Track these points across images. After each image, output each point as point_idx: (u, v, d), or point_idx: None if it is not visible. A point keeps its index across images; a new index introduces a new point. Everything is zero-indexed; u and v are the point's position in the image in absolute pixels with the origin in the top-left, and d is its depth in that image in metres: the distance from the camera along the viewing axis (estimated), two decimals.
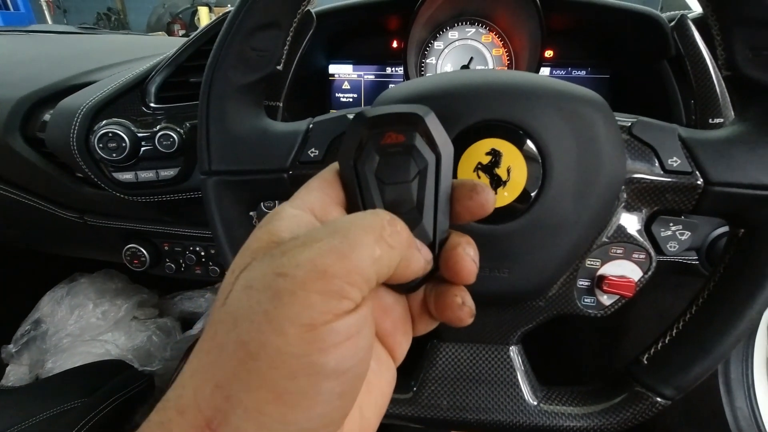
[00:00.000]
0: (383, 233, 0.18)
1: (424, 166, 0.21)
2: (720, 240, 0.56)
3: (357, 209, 0.21)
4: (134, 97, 0.57)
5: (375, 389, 0.23)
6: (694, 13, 0.53)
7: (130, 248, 0.71)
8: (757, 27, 0.29)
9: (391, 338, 0.23)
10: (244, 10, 0.33)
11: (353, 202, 0.22)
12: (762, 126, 0.31)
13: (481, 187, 0.21)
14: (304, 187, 0.22)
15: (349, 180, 0.21)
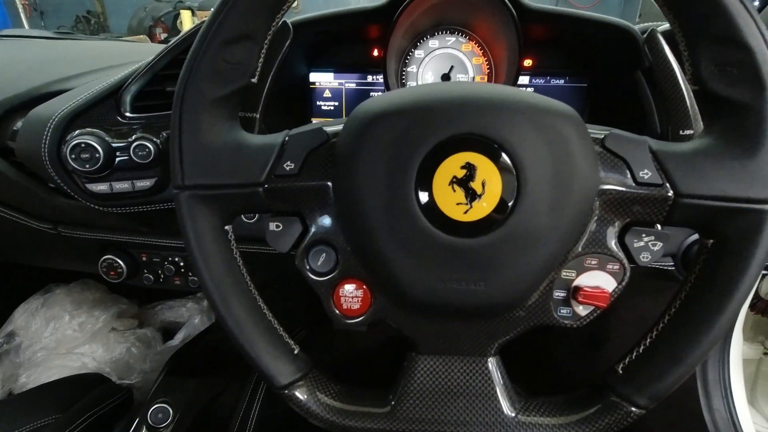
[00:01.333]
0: None
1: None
2: (694, 246, 0.57)
3: None
4: (109, 107, 0.56)
5: None
6: (665, 26, 0.54)
7: (107, 259, 0.70)
8: (722, 43, 0.30)
9: None
10: (217, 23, 0.32)
11: None
12: (728, 139, 0.32)
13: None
14: None
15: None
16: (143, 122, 0.56)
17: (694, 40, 0.31)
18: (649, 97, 0.55)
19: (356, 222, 0.34)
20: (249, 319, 0.36)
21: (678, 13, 0.31)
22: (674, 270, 0.60)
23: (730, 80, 0.31)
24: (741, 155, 0.31)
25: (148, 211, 0.59)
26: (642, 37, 0.55)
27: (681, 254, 0.58)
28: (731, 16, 0.29)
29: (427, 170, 0.31)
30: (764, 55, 0.29)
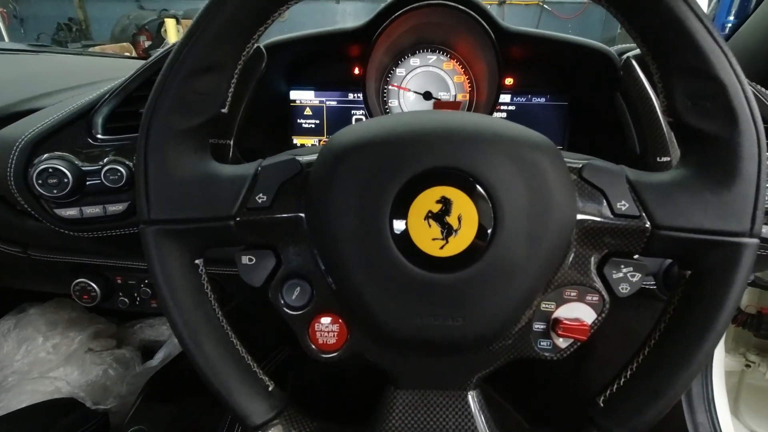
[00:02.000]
0: None
1: None
2: (674, 266, 0.57)
3: None
4: (80, 128, 0.54)
5: None
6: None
7: (80, 283, 0.67)
8: (695, 77, 0.30)
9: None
10: (184, 53, 0.31)
11: None
12: (703, 172, 0.32)
13: None
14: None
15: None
16: (116, 144, 0.54)
17: (668, 73, 0.31)
18: (628, 119, 0.56)
19: (330, 256, 0.33)
20: (220, 357, 0.35)
21: (651, 47, 0.31)
22: (656, 289, 0.61)
23: (704, 113, 0.31)
24: (716, 188, 0.31)
25: (121, 234, 0.57)
26: (620, 60, 0.55)
27: (662, 274, 0.59)
28: (703, 50, 0.29)
29: (402, 204, 0.31)
30: (736, 89, 0.29)
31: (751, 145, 0.30)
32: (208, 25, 0.31)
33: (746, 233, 0.31)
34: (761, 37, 0.62)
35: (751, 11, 0.71)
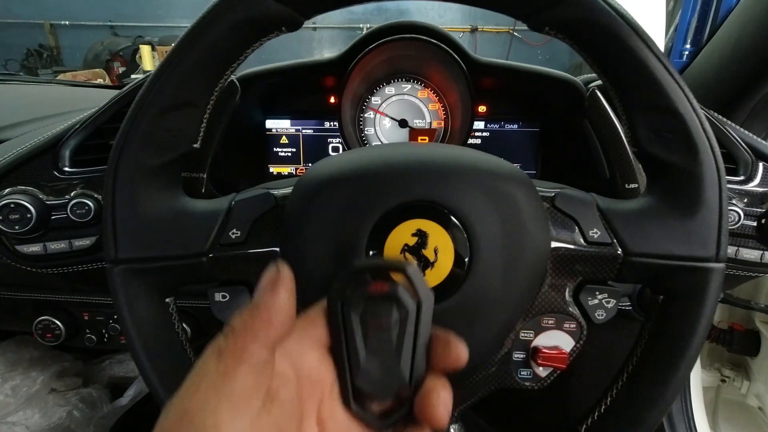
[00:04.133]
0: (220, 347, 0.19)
1: (405, 315, 0.23)
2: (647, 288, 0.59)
3: (340, 350, 0.23)
4: (45, 161, 0.52)
5: None
6: None
7: (42, 321, 0.64)
8: (655, 111, 0.31)
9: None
10: (155, 90, 0.31)
11: (337, 343, 0.23)
12: (669, 200, 0.33)
13: (455, 342, 0.23)
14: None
15: (335, 322, 0.23)
16: (84, 177, 0.52)
17: (630, 107, 0.32)
18: (597, 146, 0.58)
19: (306, 292, 0.32)
20: None
21: (614, 83, 0.32)
22: (631, 310, 0.62)
23: (666, 145, 0.32)
24: (681, 216, 0.32)
25: (88, 270, 0.55)
26: (585, 89, 0.58)
27: (636, 295, 0.60)
28: (662, 86, 0.30)
29: (378, 238, 0.30)
30: (694, 122, 0.31)
31: (712, 174, 0.31)
32: (180, 62, 0.31)
33: (712, 258, 0.32)
34: (715, 68, 0.66)
35: (704, 40, 0.76)
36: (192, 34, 0.31)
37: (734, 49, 0.63)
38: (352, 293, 0.23)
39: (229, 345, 0.18)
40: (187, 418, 0.17)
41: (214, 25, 0.30)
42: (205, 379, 0.18)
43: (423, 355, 0.23)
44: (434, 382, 0.23)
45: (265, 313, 0.20)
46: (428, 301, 0.23)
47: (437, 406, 0.22)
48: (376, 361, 0.23)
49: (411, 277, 0.23)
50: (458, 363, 0.23)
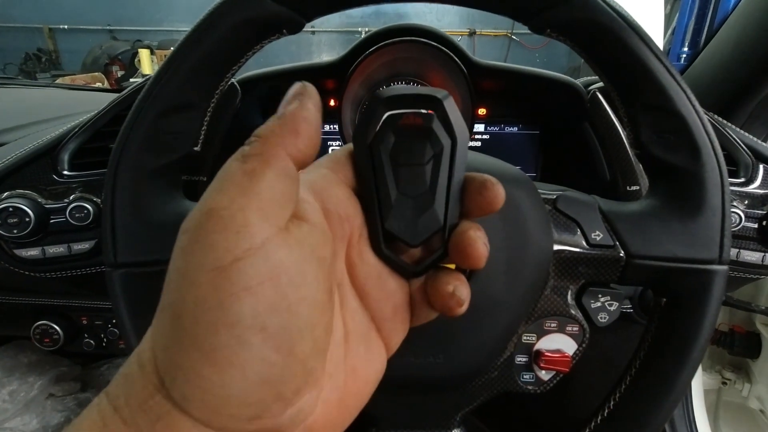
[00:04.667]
0: (244, 151, 0.17)
1: (439, 150, 0.21)
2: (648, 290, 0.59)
3: (369, 189, 0.21)
4: (44, 165, 0.52)
5: (360, 377, 0.21)
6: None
7: (40, 326, 0.64)
8: (657, 112, 0.31)
9: (389, 324, 0.22)
10: (155, 92, 0.31)
11: (366, 182, 0.21)
12: (671, 202, 0.33)
13: (491, 183, 0.21)
14: (314, 163, 0.21)
15: (364, 159, 0.21)
16: (83, 180, 0.52)
17: (632, 108, 0.32)
18: (597, 148, 0.58)
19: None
20: None
21: (615, 84, 0.32)
22: (633, 313, 0.62)
23: (668, 146, 0.32)
24: (684, 217, 0.32)
25: (87, 273, 0.54)
26: (586, 92, 0.58)
27: (638, 298, 0.60)
28: (664, 87, 0.30)
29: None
30: (696, 123, 0.31)
31: (714, 176, 0.31)
32: (181, 64, 0.31)
33: (715, 261, 0.32)
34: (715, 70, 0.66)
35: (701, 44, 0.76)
36: (193, 37, 0.30)
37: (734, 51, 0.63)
38: (381, 127, 0.21)
39: (255, 149, 0.17)
40: (214, 216, 0.16)
41: (214, 27, 0.30)
42: (230, 180, 0.16)
43: (457, 197, 0.21)
44: (469, 223, 0.21)
45: (291, 123, 0.18)
46: (464, 137, 0.21)
47: (475, 242, 0.20)
48: (408, 202, 0.21)
49: (446, 109, 0.21)
50: (494, 205, 0.21)
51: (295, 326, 0.16)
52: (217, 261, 0.15)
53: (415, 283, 0.23)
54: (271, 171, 0.17)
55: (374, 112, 0.21)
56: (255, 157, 0.17)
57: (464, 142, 0.21)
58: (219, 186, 0.16)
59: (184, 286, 0.15)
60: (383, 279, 0.22)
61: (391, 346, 0.23)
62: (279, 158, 0.17)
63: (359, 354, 0.21)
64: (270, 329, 0.15)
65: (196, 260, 0.15)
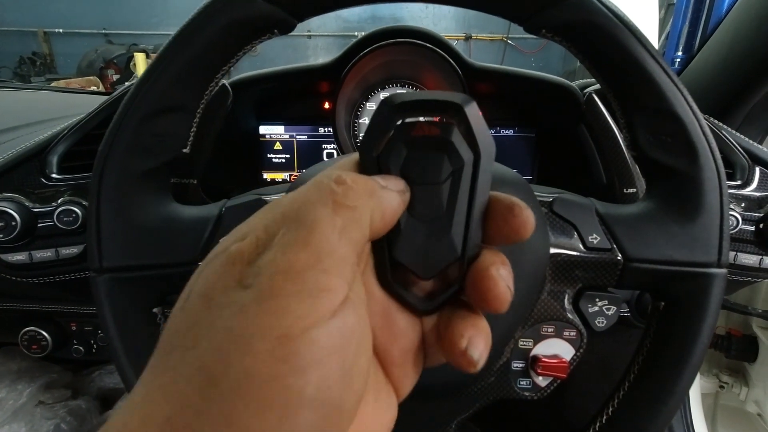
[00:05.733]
0: (336, 198, 0.15)
1: (459, 166, 0.18)
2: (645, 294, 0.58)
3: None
4: (32, 168, 0.51)
5: (368, 430, 0.18)
6: None
7: (28, 332, 0.62)
8: (654, 114, 0.31)
9: (399, 369, 0.19)
10: (142, 93, 0.30)
11: None
12: (669, 204, 0.32)
13: (519, 207, 0.18)
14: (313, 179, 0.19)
15: (370, 174, 0.18)
16: (72, 184, 0.51)
17: (629, 110, 0.32)
18: (593, 150, 0.57)
19: None
20: None
21: (612, 86, 0.32)
22: (630, 316, 0.61)
23: (666, 148, 0.31)
24: (682, 220, 0.31)
25: (76, 278, 0.53)
26: (582, 94, 0.57)
27: (635, 302, 0.59)
28: (661, 89, 0.30)
29: None
30: (694, 126, 0.30)
31: (712, 177, 0.31)
32: (170, 64, 0.30)
33: (714, 264, 0.31)
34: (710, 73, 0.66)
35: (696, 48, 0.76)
36: (182, 36, 0.30)
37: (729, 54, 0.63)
38: (391, 138, 0.18)
39: (349, 199, 0.16)
40: (293, 277, 0.14)
41: (204, 27, 0.30)
42: (319, 232, 0.15)
43: (479, 222, 0.18)
44: (492, 256, 0.18)
45: (383, 186, 0.17)
46: (489, 151, 0.18)
47: (497, 283, 0.17)
48: (421, 227, 0.18)
49: (469, 117, 0.18)
50: (522, 234, 0.18)
51: (348, 401, 0.14)
52: (287, 329, 0.13)
53: (428, 322, 0.20)
54: (359, 231, 0.15)
55: (384, 120, 0.18)
56: (347, 210, 0.15)
57: (489, 157, 0.18)
58: (301, 237, 0.14)
59: (231, 351, 0.13)
60: (391, 316, 0.19)
61: (403, 392, 0.20)
62: (366, 218, 0.16)
63: (368, 405, 0.18)
64: (325, 408, 0.13)
65: (257, 326, 0.13)
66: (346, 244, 0.15)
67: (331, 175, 0.16)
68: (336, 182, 0.16)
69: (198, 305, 0.14)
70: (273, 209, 0.16)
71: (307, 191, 0.16)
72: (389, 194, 0.17)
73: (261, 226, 0.15)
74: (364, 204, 0.16)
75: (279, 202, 0.16)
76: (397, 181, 0.18)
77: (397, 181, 0.18)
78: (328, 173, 0.16)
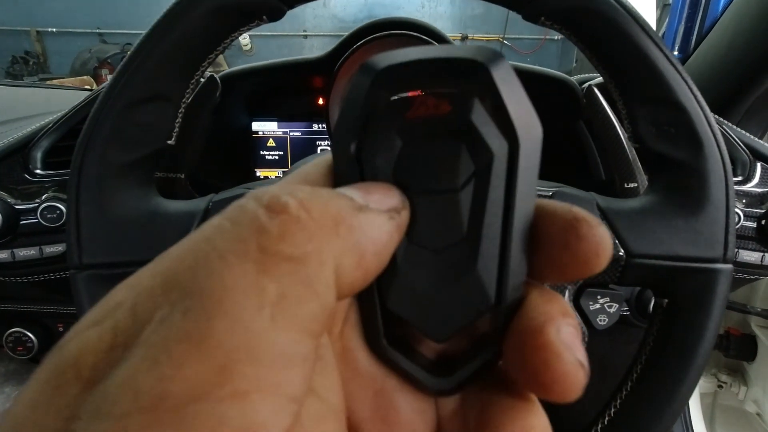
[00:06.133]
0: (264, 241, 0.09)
1: (485, 164, 0.12)
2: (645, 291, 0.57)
3: None
4: (14, 163, 0.49)
5: None
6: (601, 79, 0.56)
7: (13, 333, 0.60)
8: (657, 104, 0.30)
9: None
10: (123, 81, 0.29)
11: None
12: (673, 198, 0.31)
13: (589, 224, 0.11)
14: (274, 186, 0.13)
15: (348, 179, 0.12)
16: (56, 180, 0.50)
17: (632, 100, 0.31)
18: (592, 147, 0.56)
19: None
20: None
21: (614, 76, 0.31)
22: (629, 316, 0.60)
23: (669, 139, 0.30)
24: (686, 214, 0.30)
25: (61, 277, 0.52)
26: (581, 89, 0.56)
27: (634, 300, 0.58)
28: (664, 77, 0.29)
29: None
30: (698, 115, 0.29)
31: (718, 170, 0.30)
32: (152, 51, 0.29)
33: (719, 259, 0.30)
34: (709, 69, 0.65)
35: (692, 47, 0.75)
36: (165, 21, 0.28)
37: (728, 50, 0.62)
38: (375, 125, 0.12)
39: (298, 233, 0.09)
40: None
41: (189, 12, 0.28)
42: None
43: (522, 249, 0.12)
44: (546, 304, 0.12)
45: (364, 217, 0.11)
46: (533, 137, 0.12)
47: (560, 354, 0.11)
48: (428, 260, 0.12)
49: (498, 85, 0.11)
50: (594, 266, 0.11)
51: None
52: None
53: (446, 406, 0.13)
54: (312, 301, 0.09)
55: (365, 96, 0.12)
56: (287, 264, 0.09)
57: (533, 145, 0.12)
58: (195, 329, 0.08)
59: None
60: (388, 400, 0.12)
61: None
62: (328, 272, 0.10)
63: None
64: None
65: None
66: (287, 330, 0.09)
67: (263, 196, 0.10)
68: (268, 209, 0.09)
69: None
70: (155, 266, 0.09)
71: (215, 231, 0.09)
72: (372, 219, 0.11)
73: (128, 301, 0.09)
74: (320, 248, 0.09)
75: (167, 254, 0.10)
76: (387, 193, 0.11)
77: (386, 193, 0.11)
78: (259, 194, 0.10)
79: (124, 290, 0.09)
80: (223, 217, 0.09)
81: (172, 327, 0.08)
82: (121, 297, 0.09)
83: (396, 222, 0.11)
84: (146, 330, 0.08)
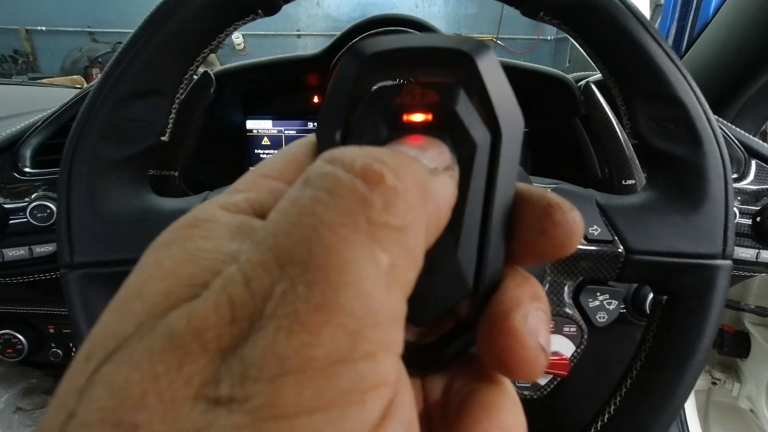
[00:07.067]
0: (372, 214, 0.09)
1: (468, 153, 0.12)
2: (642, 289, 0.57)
3: None
4: (3, 162, 0.48)
5: None
6: (598, 76, 0.56)
7: (2, 335, 0.59)
8: (657, 100, 0.30)
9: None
10: (115, 75, 0.28)
11: None
12: (672, 194, 0.31)
13: (563, 209, 0.12)
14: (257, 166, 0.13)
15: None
16: (46, 178, 0.49)
17: (630, 96, 0.31)
18: (588, 144, 0.56)
19: None
20: None
21: (613, 72, 0.31)
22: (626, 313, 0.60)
23: (668, 135, 0.30)
24: (685, 210, 0.30)
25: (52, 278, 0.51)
26: (577, 86, 0.56)
27: (631, 297, 0.58)
28: (663, 73, 0.29)
29: None
30: (697, 111, 0.29)
31: (717, 166, 0.30)
32: (145, 45, 0.28)
33: (719, 255, 0.30)
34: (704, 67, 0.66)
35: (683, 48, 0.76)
36: (158, 15, 0.28)
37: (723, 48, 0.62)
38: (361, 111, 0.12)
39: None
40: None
41: (182, 6, 0.28)
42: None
43: (501, 235, 0.12)
44: (517, 288, 0.12)
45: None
46: (514, 128, 0.12)
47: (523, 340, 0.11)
48: None
49: (483, 75, 0.12)
50: (567, 248, 0.12)
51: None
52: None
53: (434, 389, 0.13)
54: (413, 268, 0.10)
55: (351, 82, 0.12)
56: (395, 234, 0.09)
57: (514, 135, 0.12)
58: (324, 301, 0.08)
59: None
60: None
61: None
62: (421, 241, 0.10)
63: None
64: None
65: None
66: (397, 295, 0.09)
67: (352, 163, 0.09)
68: (366, 180, 0.09)
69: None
70: (260, 243, 0.09)
71: (315, 202, 0.09)
72: (442, 181, 0.11)
73: (237, 278, 0.09)
74: (417, 216, 0.09)
75: (264, 229, 0.09)
76: (441, 150, 0.11)
77: (440, 150, 0.11)
78: (346, 160, 0.09)
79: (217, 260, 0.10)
80: (314, 188, 0.09)
81: (299, 300, 0.08)
82: (216, 267, 0.09)
83: (455, 180, 0.12)
84: (269, 303, 0.08)
